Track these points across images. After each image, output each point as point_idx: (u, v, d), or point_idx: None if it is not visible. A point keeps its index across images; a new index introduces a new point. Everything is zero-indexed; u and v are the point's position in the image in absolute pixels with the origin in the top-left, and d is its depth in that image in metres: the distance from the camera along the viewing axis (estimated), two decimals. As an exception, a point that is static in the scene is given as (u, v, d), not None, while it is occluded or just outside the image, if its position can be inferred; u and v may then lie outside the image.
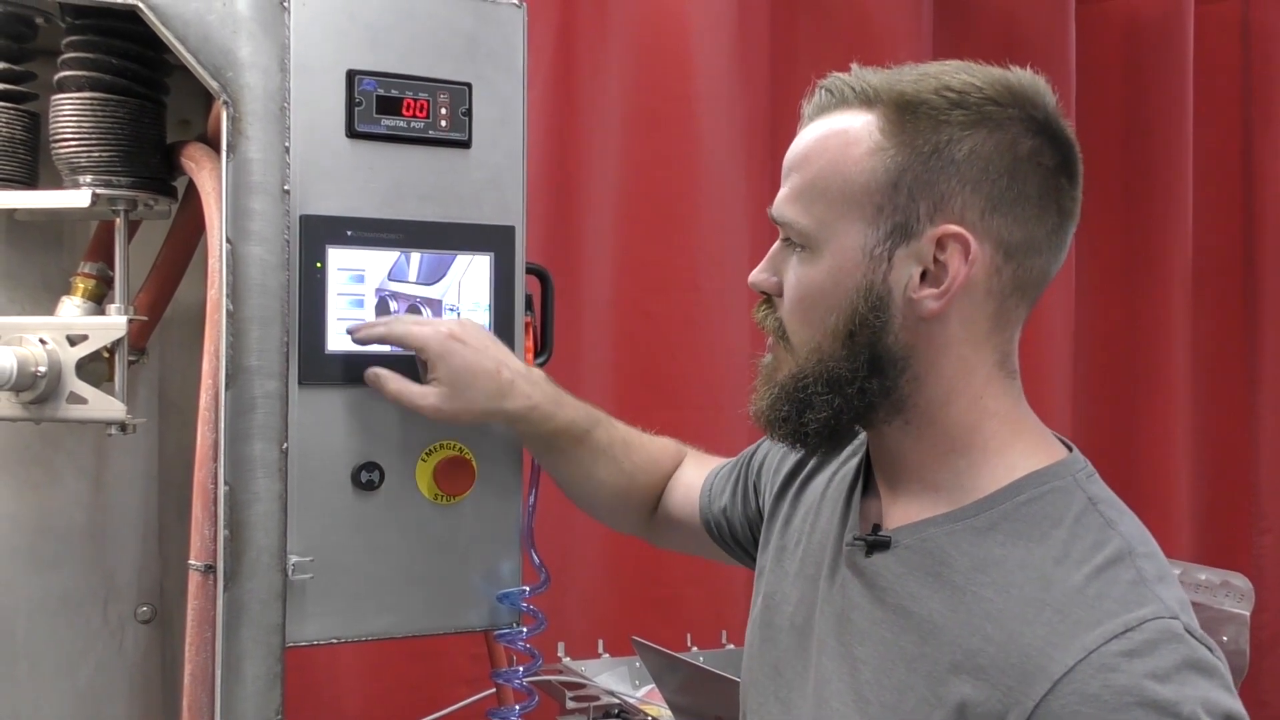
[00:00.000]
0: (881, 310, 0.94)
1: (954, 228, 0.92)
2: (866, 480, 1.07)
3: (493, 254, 1.30)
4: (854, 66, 0.99)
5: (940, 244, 0.93)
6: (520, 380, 1.25)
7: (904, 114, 0.93)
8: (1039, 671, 0.85)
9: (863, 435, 1.07)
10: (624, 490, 1.38)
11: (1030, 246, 0.95)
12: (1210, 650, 0.86)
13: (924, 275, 0.94)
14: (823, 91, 1.00)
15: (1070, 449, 1.01)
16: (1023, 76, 0.95)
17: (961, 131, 0.92)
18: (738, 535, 1.32)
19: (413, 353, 1.24)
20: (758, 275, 1.03)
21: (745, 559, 1.31)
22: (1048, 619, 0.87)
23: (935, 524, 0.96)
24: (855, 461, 1.10)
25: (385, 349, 1.25)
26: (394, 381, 1.23)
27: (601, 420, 1.35)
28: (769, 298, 1.04)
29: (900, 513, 1.01)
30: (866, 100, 0.96)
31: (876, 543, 0.99)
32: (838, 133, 0.96)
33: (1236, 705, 0.85)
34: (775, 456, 1.25)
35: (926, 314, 0.94)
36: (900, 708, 0.92)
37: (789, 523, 1.17)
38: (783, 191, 1.00)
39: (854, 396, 0.96)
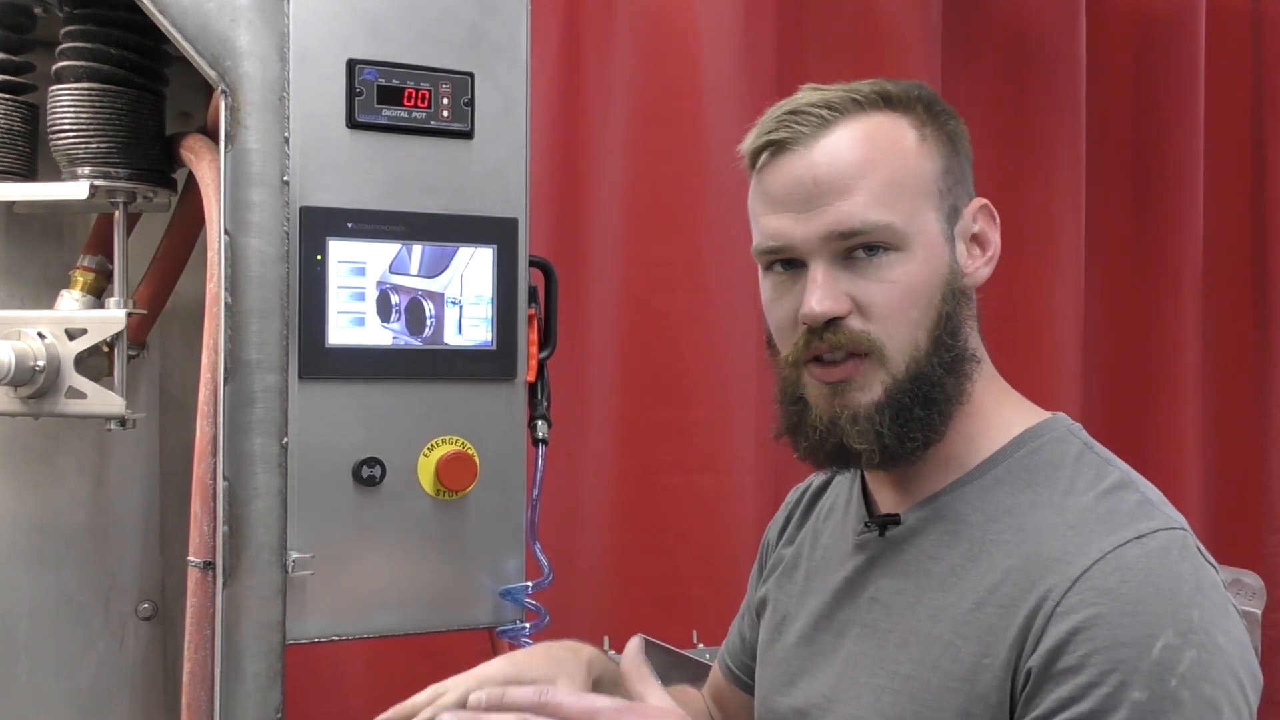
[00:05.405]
0: (956, 288, 1.00)
1: (982, 200, 1.03)
2: (864, 488, 1.09)
3: (495, 246, 1.29)
4: (804, 88, 1.03)
5: (975, 217, 1.02)
6: None
7: (928, 110, 1.01)
8: (1058, 576, 0.89)
9: None
10: None
11: None
12: (1215, 570, 0.92)
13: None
14: (824, 111, 0.99)
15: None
16: None
17: (953, 121, 1.03)
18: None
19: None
20: (828, 304, 0.96)
21: None
22: (1063, 535, 0.92)
23: (944, 491, 1.00)
24: (845, 480, 1.13)
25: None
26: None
27: None
28: (826, 323, 0.97)
29: (908, 500, 1.03)
30: (875, 104, 1.00)
31: (888, 521, 1.02)
32: (874, 136, 0.99)
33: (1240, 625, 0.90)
34: (770, 539, 1.24)
35: (980, 281, 1.02)
36: (926, 659, 0.95)
37: (794, 560, 1.17)
38: (846, 204, 0.96)
39: (968, 367, 1.00)
